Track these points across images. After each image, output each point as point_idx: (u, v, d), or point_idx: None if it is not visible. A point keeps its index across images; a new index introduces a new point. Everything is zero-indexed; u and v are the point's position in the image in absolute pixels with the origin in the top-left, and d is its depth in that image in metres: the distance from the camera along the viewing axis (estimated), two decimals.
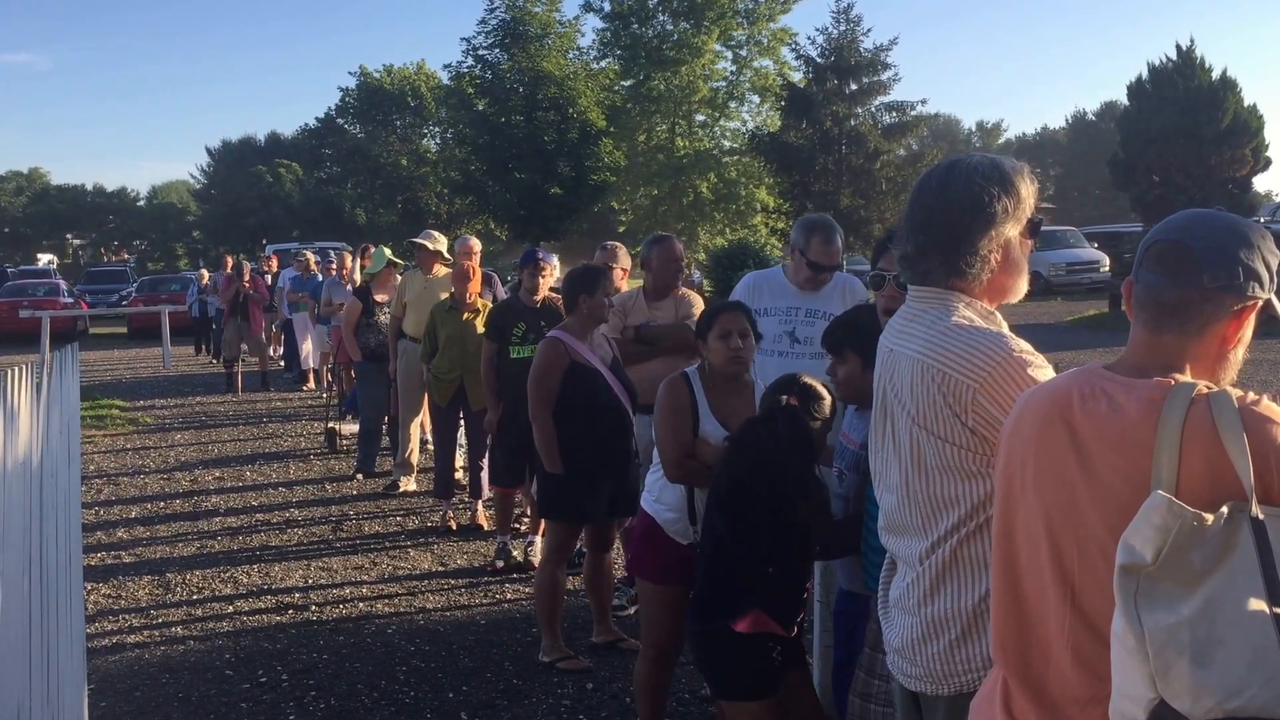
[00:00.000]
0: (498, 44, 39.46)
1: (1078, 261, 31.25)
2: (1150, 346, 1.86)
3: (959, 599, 2.29)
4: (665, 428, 4.25)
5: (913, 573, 2.38)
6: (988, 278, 2.34)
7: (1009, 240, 2.34)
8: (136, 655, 5.82)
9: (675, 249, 6.29)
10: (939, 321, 2.32)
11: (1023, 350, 2.24)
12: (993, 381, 2.20)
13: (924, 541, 2.35)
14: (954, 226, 2.32)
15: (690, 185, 44.26)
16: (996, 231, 2.32)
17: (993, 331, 2.29)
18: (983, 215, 2.30)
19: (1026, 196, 2.35)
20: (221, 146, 73.17)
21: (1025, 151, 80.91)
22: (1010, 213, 2.32)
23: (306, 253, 17.90)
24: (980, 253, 2.31)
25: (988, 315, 2.35)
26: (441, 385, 8.07)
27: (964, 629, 2.28)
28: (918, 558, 2.36)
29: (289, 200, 61.42)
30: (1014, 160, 2.40)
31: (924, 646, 2.35)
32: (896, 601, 2.46)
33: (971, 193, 2.30)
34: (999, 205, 2.30)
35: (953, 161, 2.38)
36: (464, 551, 7.60)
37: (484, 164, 39.11)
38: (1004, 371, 2.21)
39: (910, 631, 2.38)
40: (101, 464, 11.02)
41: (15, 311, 25.62)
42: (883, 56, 33.62)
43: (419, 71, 58.97)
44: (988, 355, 2.23)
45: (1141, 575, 1.60)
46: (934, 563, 2.32)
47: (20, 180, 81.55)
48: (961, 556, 2.28)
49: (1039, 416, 1.93)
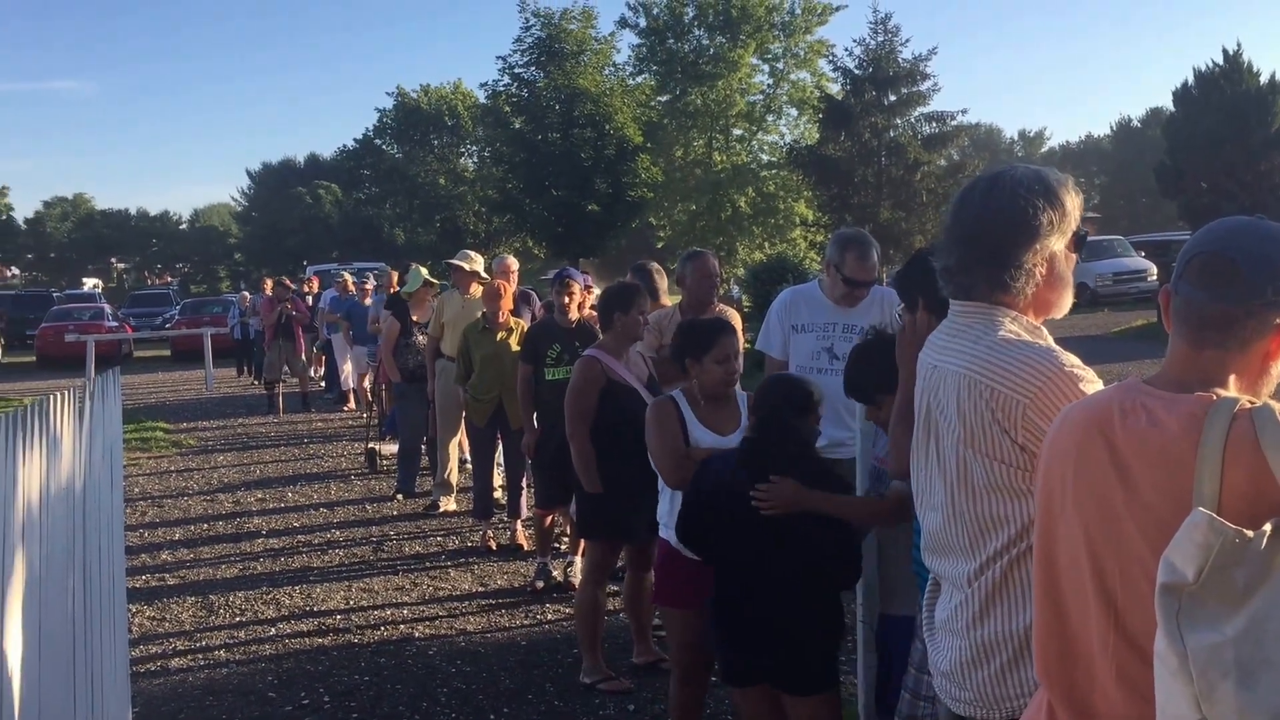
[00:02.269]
0: (534, 62, 39.64)
1: (1125, 271, 30.86)
2: (1190, 361, 1.81)
3: (1010, 621, 2.24)
4: (656, 439, 4.35)
5: (960, 594, 2.33)
6: (1032, 292, 2.30)
7: (1054, 254, 2.30)
8: (180, 678, 5.85)
9: (709, 265, 6.25)
10: (985, 336, 2.28)
11: (1073, 365, 2.20)
12: (1044, 397, 2.16)
13: (971, 563, 2.29)
14: (998, 240, 2.28)
15: (728, 200, 44.14)
16: (1041, 245, 2.27)
17: (1042, 346, 2.24)
18: (1027, 228, 2.26)
19: (1071, 209, 2.30)
20: (262, 169, 74.11)
21: (1069, 160, 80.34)
22: (1055, 226, 2.28)
23: (344, 273, 18.02)
24: (1025, 266, 2.27)
25: (1034, 330, 2.30)
26: (480, 405, 8.07)
27: (1015, 652, 2.23)
28: (965, 579, 2.31)
29: (328, 221, 62.00)
30: (1058, 172, 2.35)
31: (974, 670, 2.29)
32: (943, 624, 2.40)
33: (1016, 206, 2.26)
34: (1044, 218, 2.26)
35: (996, 174, 2.34)
36: (504, 572, 7.59)
37: (521, 182, 39.27)
38: (1055, 386, 2.16)
39: (959, 655, 2.32)
40: (146, 486, 11.11)
41: (61, 336, 26.00)
42: (922, 67, 33.45)
43: (456, 91, 59.35)
44: (1038, 370, 2.18)
45: (1184, 594, 1.55)
46: (983, 584, 2.27)
47: (65, 206, 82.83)
48: (1012, 578, 2.23)
49: (1078, 433, 1.88)
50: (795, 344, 5.30)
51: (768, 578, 3.62)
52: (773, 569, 3.62)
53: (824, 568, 3.59)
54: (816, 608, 3.62)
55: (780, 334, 5.35)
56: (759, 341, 5.55)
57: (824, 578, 3.61)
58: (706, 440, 4.30)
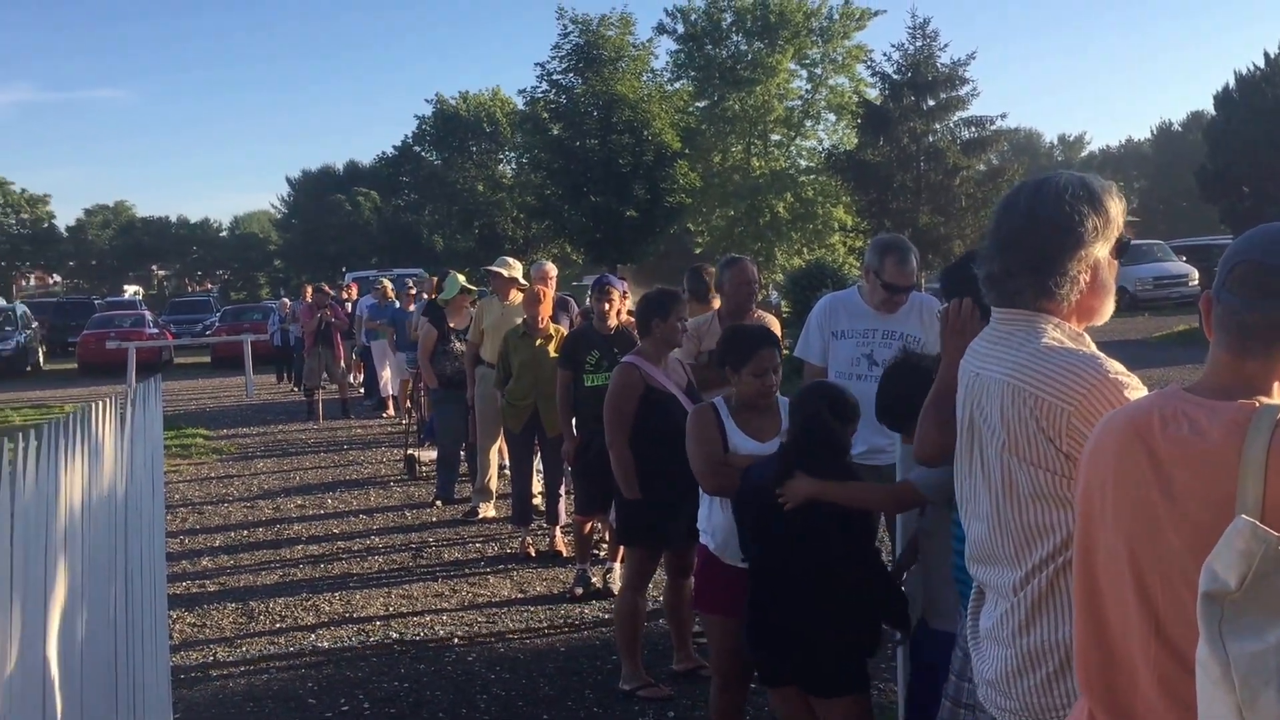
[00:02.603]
0: (572, 68, 39.75)
1: (1165, 276, 30.56)
2: (1232, 369, 1.79)
3: (1057, 630, 2.21)
4: (695, 446, 4.38)
5: (1006, 603, 2.31)
6: (1076, 299, 2.28)
7: (1098, 260, 2.28)
8: (221, 684, 5.88)
9: (748, 271, 6.22)
10: (1029, 343, 2.26)
11: (1118, 372, 2.18)
12: (1089, 404, 2.14)
13: (1017, 571, 2.27)
14: (1042, 247, 2.26)
15: (766, 205, 44.04)
16: (1086, 252, 2.26)
17: (1086, 353, 2.22)
18: (1072, 235, 2.24)
19: (1115, 215, 2.29)
20: (301, 176, 74.64)
21: (1109, 164, 79.68)
22: (1100, 232, 2.26)
23: (383, 280, 18.11)
24: (1070, 274, 2.26)
25: (1076, 337, 2.28)
26: (516, 411, 8.08)
27: (1062, 661, 2.20)
28: (1011, 588, 2.29)
29: (368, 228, 62.39)
30: (1101, 178, 2.33)
31: (1020, 679, 2.27)
32: (988, 632, 2.38)
33: (1061, 212, 2.24)
34: (1089, 224, 2.24)
35: (1040, 180, 2.32)
36: (543, 578, 7.58)
37: (559, 188, 39.39)
38: (1100, 394, 2.14)
39: (1005, 664, 2.30)
40: (187, 493, 11.21)
41: (103, 343, 26.31)
42: (961, 71, 33.32)
43: (494, 97, 59.62)
44: (1082, 377, 2.16)
45: (1226, 602, 1.53)
46: (1029, 593, 2.25)
47: (107, 214, 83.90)
48: (1058, 587, 2.21)
49: (1119, 441, 1.86)
50: (834, 350, 5.27)
51: (789, 580, 3.68)
52: (791, 570, 3.68)
53: (835, 569, 3.63)
54: (830, 609, 3.63)
55: (819, 340, 5.33)
56: (798, 348, 5.52)
57: (836, 579, 3.64)
58: (746, 447, 4.30)
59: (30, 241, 74.88)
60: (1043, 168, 67.82)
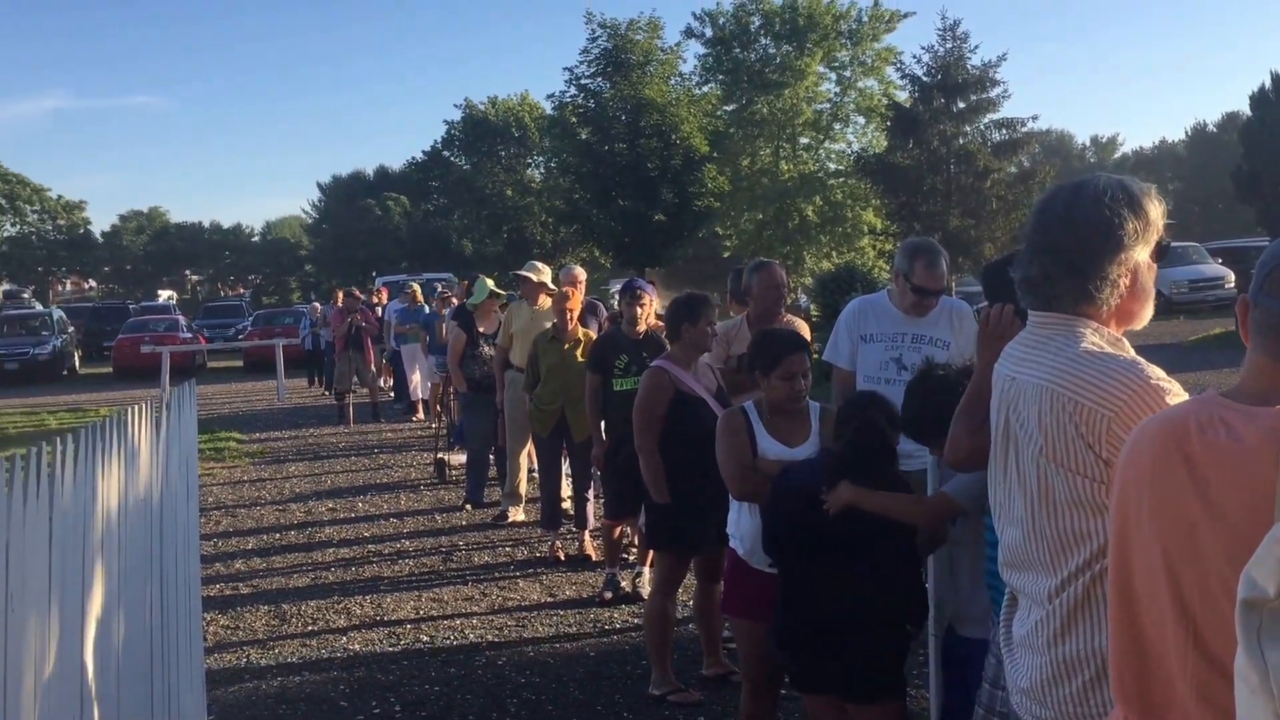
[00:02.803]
0: (600, 73, 39.80)
1: (1201, 278, 30.25)
2: (1270, 373, 1.76)
3: (1093, 639, 2.19)
4: (724, 450, 4.37)
5: (1040, 610, 2.28)
6: (1116, 303, 2.26)
7: (1138, 264, 2.26)
8: (254, 686, 5.92)
9: (776, 275, 6.20)
10: (1067, 348, 2.23)
11: (1159, 378, 2.15)
12: (1129, 410, 2.11)
13: (1052, 579, 2.25)
14: (1082, 251, 2.24)
15: (795, 209, 43.94)
16: (1126, 255, 2.23)
17: (1126, 358, 2.20)
18: (1112, 239, 2.22)
19: (1155, 218, 2.26)
20: (332, 181, 75.11)
21: (1142, 165, 79.05)
22: (1139, 236, 2.24)
23: (413, 285, 18.19)
24: (1110, 278, 2.23)
25: (1115, 342, 2.25)
26: (543, 416, 8.10)
27: (1099, 670, 2.18)
28: (1046, 595, 2.26)
29: (397, 233, 62.71)
30: (1139, 181, 2.31)
31: (1055, 688, 2.25)
32: (1022, 640, 2.36)
33: (1101, 216, 2.22)
34: (1128, 228, 2.22)
35: (1078, 183, 2.30)
36: (572, 582, 7.59)
37: (588, 192, 39.42)
38: (1141, 400, 2.11)
39: (1039, 672, 2.28)
40: (220, 496, 11.29)
41: (138, 347, 26.57)
42: (991, 73, 33.14)
43: (523, 102, 59.79)
44: (1123, 383, 2.14)
45: (1265, 610, 1.51)
46: (1064, 601, 2.22)
47: (141, 219, 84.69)
48: (1095, 595, 2.18)
49: (1155, 447, 1.84)
50: (863, 354, 5.25)
51: (834, 586, 3.66)
52: (839, 577, 3.66)
53: (877, 574, 3.63)
54: (870, 614, 3.64)
55: (848, 344, 5.31)
56: (826, 352, 5.50)
57: (877, 584, 3.64)
58: (775, 452, 4.30)
59: (66, 247, 75.65)
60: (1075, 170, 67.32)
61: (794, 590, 3.81)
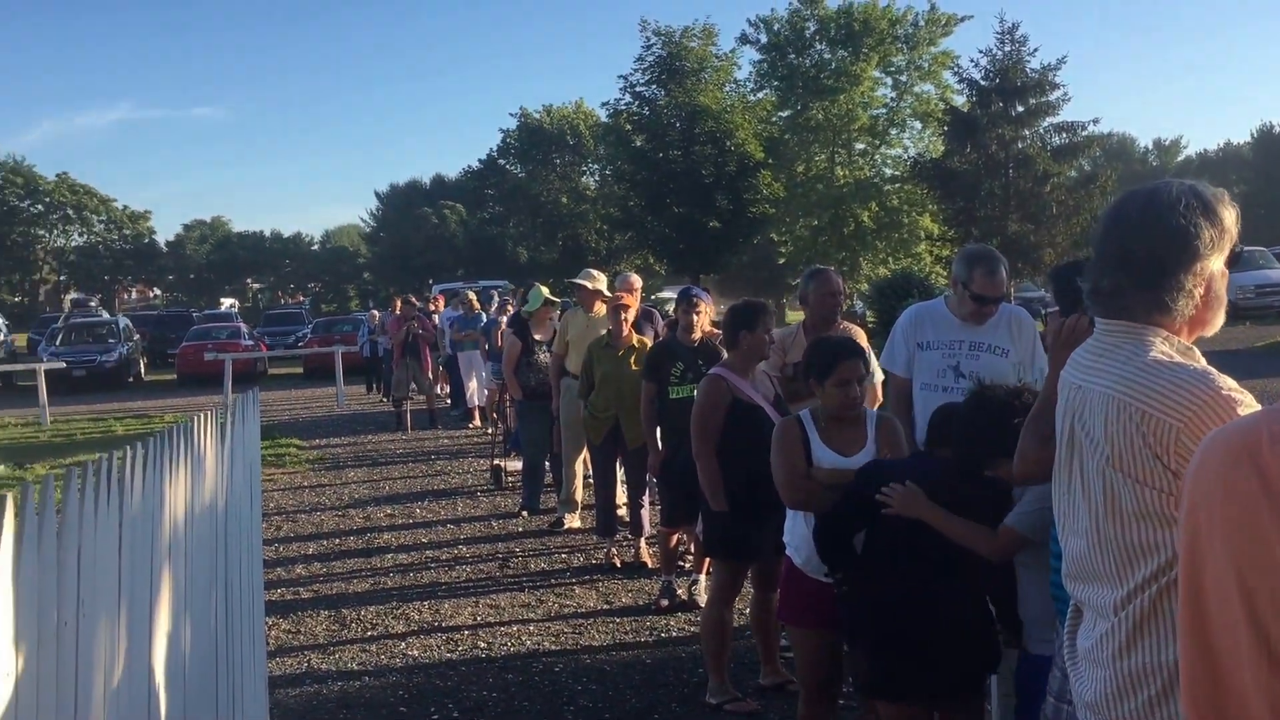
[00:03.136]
0: (655, 80, 39.90)
1: (1268, 283, 29.68)
2: None
3: (1159, 652, 2.15)
4: (777, 457, 4.37)
5: (1106, 623, 2.24)
6: (1191, 313, 2.22)
7: (1212, 273, 2.22)
8: (315, 690, 5.98)
9: (833, 282, 6.17)
10: (1136, 357, 2.19)
11: (1230, 388, 2.10)
12: (1199, 421, 2.06)
13: (1118, 591, 2.21)
14: (1158, 262, 2.19)
15: (851, 215, 43.73)
16: (1202, 265, 2.19)
17: (1197, 368, 2.15)
18: (1189, 249, 2.18)
19: (1229, 225, 2.22)
20: (389, 190, 75.92)
21: (1207, 168, 77.83)
22: (1215, 244, 2.19)
23: (469, 293, 18.31)
24: (1186, 288, 2.19)
25: (1186, 351, 2.21)
26: (597, 423, 8.12)
27: (1165, 684, 2.13)
28: (1111, 607, 2.22)
29: (454, 241, 63.20)
30: (1210, 186, 2.26)
31: (1120, 702, 2.21)
32: (1087, 653, 2.32)
33: (1177, 225, 2.18)
34: (1205, 236, 2.18)
35: (1151, 191, 2.25)
36: (628, 589, 7.60)
37: (642, 199, 39.52)
38: (1211, 411, 2.07)
39: (1104, 686, 2.24)
40: (280, 501, 11.43)
41: (201, 355, 26.98)
42: (1051, 76, 32.74)
43: (577, 110, 60.05)
44: (1193, 393, 2.09)
45: None
46: (1130, 613, 2.18)
47: (204, 229, 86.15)
48: (1162, 608, 2.14)
49: (1225, 460, 1.79)
50: (920, 361, 5.21)
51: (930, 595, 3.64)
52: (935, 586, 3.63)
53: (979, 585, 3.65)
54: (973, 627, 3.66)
55: (905, 351, 5.27)
56: (882, 358, 5.48)
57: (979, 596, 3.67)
58: (829, 460, 4.28)
59: (132, 256, 77.17)
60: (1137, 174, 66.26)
61: (885, 599, 3.75)
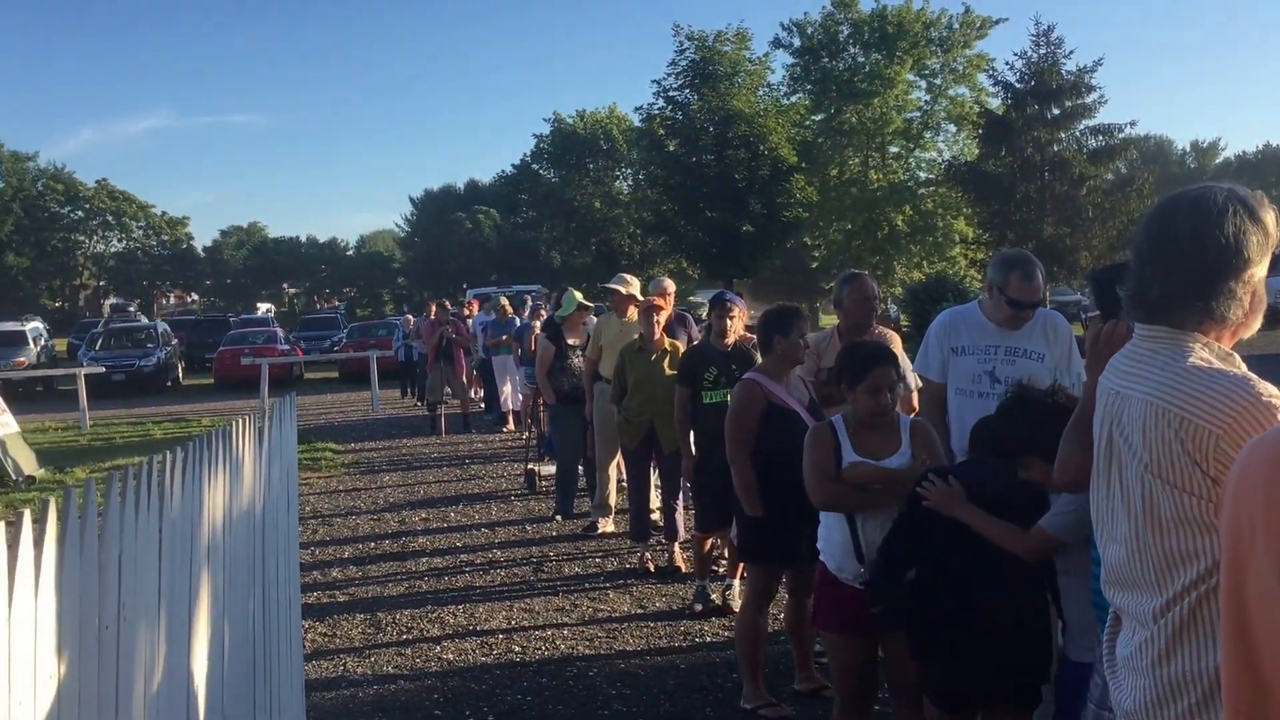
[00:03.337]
0: (688, 85, 39.91)
1: None
2: None
3: (1199, 660, 2.13)
4: (808, 459, 4.39)
5: (1145, 631, 2.23)
6: (1238, 319, 2.21)
7: (1259, 279, 2.20)
8: (351, 693, 6.01)
9: (868, 287, 6.13)
10: (1175, 362, 2.18)
11: (1271, 394, 2.08)
12: (1239, 428, 2.05)
13: (1157, 598, 2.19)
14: (1207, 271, 2.18)
15: (885, 218, 43.58)
16: (1250, 273, 2.18)
17: (1236, 374, 2.13)
18: (1238, 255, 2.16)
19: (1273, 229, 2.20)
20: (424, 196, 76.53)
21: (1245, 170, 77.02)
22: (1262, 249, 2.18)
23: (503, 298, 18.38)
24: (1235, 295, 2.18)
25: (1226, 357, 2.19)
26: (631, 427, 8.12)
27: (1205, 693, 2.11)
28: (1151, 615, 2.20)
29: (487, 245, 63.49)
30: (1248, 190, 2.24)
31: (1159, 710, 2.19)
32: (1126, 661, 2.30)
33: (1225, 232, 2.16)
34: (1253, 242, 2.16)
35: (1196, 198, 2.23)
36: (662, 594, 7.60)
37: (675, 204, 39.52)
38: (1252, 417, 2.05)
39: (1144, 694, 2.22)
40: (317, 505, 11.51)
41: (238, 359, 27.20)
42: (1087, 79, 32.51)
43: (611, 115, 60.20)
44: (1233, 399, 2.08)
45: None
46: (1170, 621, 2.16)
47: (241, 235, 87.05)
48: (1201, 615, 2.12)
49: (1268, 466, 1.78)
50: (955, 366, 5.18)
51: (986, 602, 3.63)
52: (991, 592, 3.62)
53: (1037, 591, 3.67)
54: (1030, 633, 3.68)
55: (939, 356, 5.24)
56: (916, 363, 5.45)
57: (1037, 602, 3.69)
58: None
59: (170, 262, 78.03)
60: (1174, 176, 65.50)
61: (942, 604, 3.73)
